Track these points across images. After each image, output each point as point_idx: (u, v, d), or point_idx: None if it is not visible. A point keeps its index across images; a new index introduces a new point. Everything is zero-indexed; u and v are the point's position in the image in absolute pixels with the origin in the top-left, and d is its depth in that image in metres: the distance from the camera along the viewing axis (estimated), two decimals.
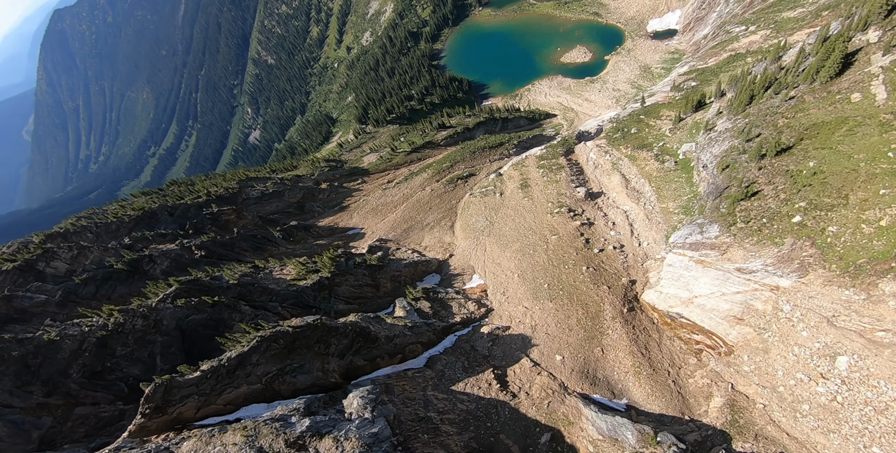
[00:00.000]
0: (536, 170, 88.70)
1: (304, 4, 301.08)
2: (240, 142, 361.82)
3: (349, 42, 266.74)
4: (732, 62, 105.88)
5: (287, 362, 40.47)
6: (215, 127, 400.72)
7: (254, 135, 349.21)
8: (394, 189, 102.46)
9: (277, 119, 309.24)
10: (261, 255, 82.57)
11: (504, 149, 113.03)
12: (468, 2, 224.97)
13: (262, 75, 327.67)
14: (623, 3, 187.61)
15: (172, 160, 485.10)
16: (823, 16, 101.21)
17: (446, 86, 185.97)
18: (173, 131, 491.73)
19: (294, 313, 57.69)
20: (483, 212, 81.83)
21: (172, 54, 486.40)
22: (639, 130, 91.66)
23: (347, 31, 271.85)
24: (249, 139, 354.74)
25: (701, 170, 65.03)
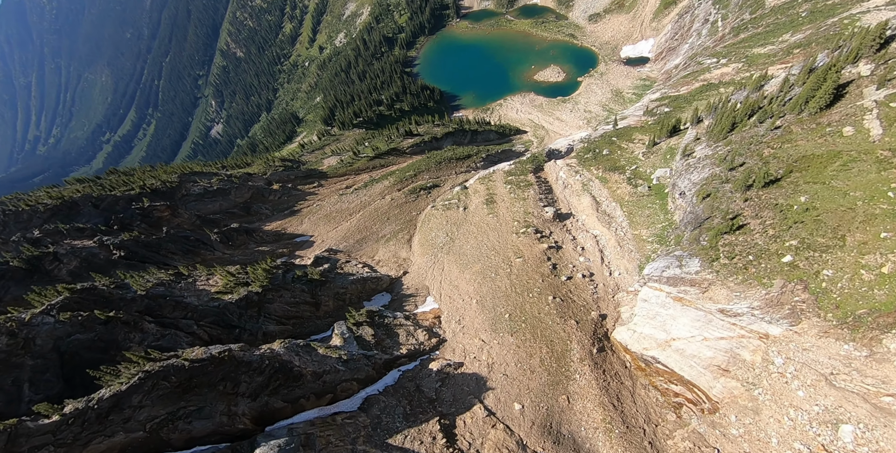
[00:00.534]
0: (504, 185, 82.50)
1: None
2: (201, 136, 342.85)
3: (322, 41, 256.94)
4: (705, 91, 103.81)
5: (181, 404, 31.59)
6: (176, 117, 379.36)
7: (216, 128, 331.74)
8: (351, 195, 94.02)
9: (242, 114, 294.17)
10: (191, 260, 72.37)
11: (471, 161, 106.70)
12: (446, 12, 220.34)
13: (230, 68, 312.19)
14: (599, 27, 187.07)
15: (128, 148, 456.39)
16: (795, 53, 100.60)
17: (417, 94, 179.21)
18: (131, 118, 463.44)
19: (213, 333, 48.44)
20: (444, 226, 74.66)
21: (137, 38, 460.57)
22: (611, 152, 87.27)
23: (321, 30, 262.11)
24: (211, 133, 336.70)
25: (677, 197, 60.24)
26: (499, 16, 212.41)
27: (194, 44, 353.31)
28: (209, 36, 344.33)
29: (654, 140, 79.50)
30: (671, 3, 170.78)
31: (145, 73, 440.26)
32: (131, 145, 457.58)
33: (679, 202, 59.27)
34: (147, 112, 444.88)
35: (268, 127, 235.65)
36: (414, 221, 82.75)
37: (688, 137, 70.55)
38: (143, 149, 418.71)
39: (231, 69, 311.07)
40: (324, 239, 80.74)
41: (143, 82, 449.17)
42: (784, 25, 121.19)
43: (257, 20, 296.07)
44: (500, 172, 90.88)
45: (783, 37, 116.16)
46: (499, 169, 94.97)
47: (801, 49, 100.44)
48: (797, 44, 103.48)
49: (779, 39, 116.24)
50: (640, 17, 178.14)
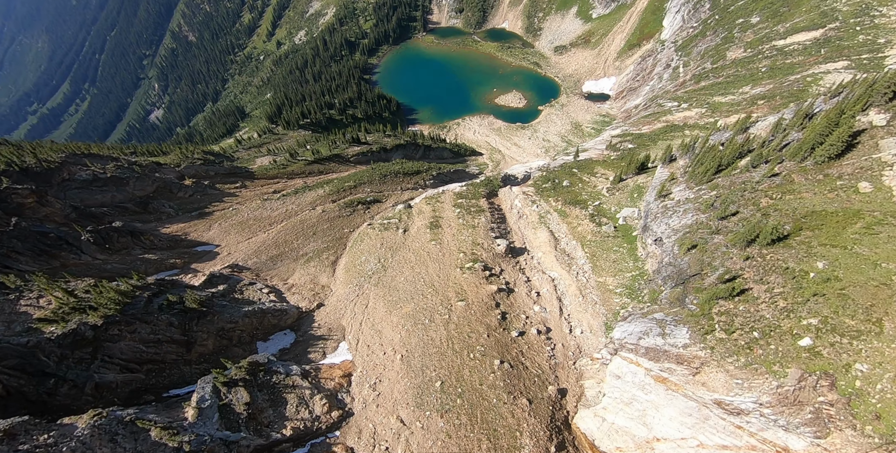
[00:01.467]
0: (452, 208, 70.55)
1: None
2: (138, 119, 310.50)
3: (281, 37, 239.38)
4: (669, 132, 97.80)
5: None
6: (114, 96, 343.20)
7: (156, 113, 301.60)
8: (276, 201, 78.65)
9: (185, 101, 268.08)
10: (45, 265, 54.63)
11: (420, 178, 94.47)
12: (413, 24, 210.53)
13: (179, 51, 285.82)
14: (563, 59, 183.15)
15: (56, 122, 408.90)
16: (759, 104, 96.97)
17: (373, 102, 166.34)
18: (64, 91, 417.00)
19: (11, 384, 32.13)
20: (378, 250, 61.29)
21: (84, 6, 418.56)
22: (571, 184, 77.87)
23: (282, 25, 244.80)
24: (150, 117, 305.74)
25: (649, 243, 50.44)
26: (466, 35, 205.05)
27: (144, 21, 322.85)
28: (161, 14, 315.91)
29: (620, 176, 70.66)
30: (635, 45, 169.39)
31: (87, 44, 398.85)
32: (60, 120, 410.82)
33: (652, 249, 49.43)
34: (83, 87, 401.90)
35: (210, 118, 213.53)
36: (344, 240, 68.76)
37: (659, 176, 61.76)
38: (73, 125, 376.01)
39: (180, 53, 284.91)
40: (231, 251, 64.87)
41: (83, 54, 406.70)
42: (744, 78, 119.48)
43: (215, 5, 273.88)
44: (449, 193, 79.04)
45: (743, 88, 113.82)
46: (449, 189, 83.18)
47: (766, 100, 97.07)
48: (761, 95, 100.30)
49: (739, 90, 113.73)
50: (604, 54, 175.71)
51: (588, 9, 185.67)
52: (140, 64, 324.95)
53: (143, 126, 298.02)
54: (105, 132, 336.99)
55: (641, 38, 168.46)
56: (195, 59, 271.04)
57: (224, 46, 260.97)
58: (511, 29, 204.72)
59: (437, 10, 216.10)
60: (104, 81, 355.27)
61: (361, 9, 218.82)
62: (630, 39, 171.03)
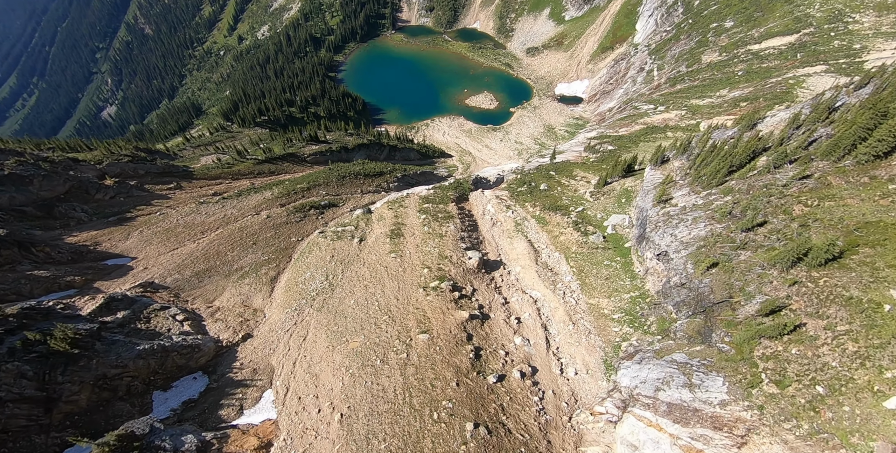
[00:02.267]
0: (417, 214, 60.28)
1: None
2: (90, 116, 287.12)
3: (243, 31, 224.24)
4: (650, 134, 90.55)
5: None
6: (64, 91, 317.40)
7: (108, 110, 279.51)
8: (215, 205, 66.47)
9: (140, 98, 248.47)
10: None
11: (383, 180, 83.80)
12: (382, 22, 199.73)
13: (135, 45, 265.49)
14: (536, 61, 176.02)
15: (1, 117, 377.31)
16: (742, 106, 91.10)
17: (338, 100, 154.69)
18: (10, 84, 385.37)
19: None
20: (327, 264, 50.38)
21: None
22: (549, 188, 68.97)
23: (244, 19, 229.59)
24: (102, 114, 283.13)
25: (649, 257, 41.50)
26: (436, 34, 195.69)
27: (98, 11, 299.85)
28: (117, 5, 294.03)
29: (605, 179, 62.01)
30: (608, 48, 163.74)
31: (37, 36, 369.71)
32: (5, 115, 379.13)
33: (653, 264, 40.46)
34: (31, 80, 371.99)
35: (164, 115, 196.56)
36: (290, 251, 57.39)
37: (651, 179, 53.26)
38: (19, 121, 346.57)
39: (135, 46, 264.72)
40: (150, 265, 52.54)
41: (32, 46, 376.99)
42: (721, 81, 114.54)
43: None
44: (414, 197, 68.77)
45: (720, 91, 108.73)
46: (414, 193, 72.93)
47: (749, 102, 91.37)
48: (742, 97, 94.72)
49: (716, 93, 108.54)
50: (577, 57, 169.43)
51: (561, 11, 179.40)
52: (93, 57, 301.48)
53: (95, 123, 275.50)
54: (53, 129, 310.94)
55: (614, 41, 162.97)
56: (151, 53, 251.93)
57: (182, 40, 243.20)
58: (482, 29, 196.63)
59: (407, 8, 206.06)
60: (54, 75, 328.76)
61: (328, 4, 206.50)
62: (603, 42, 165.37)
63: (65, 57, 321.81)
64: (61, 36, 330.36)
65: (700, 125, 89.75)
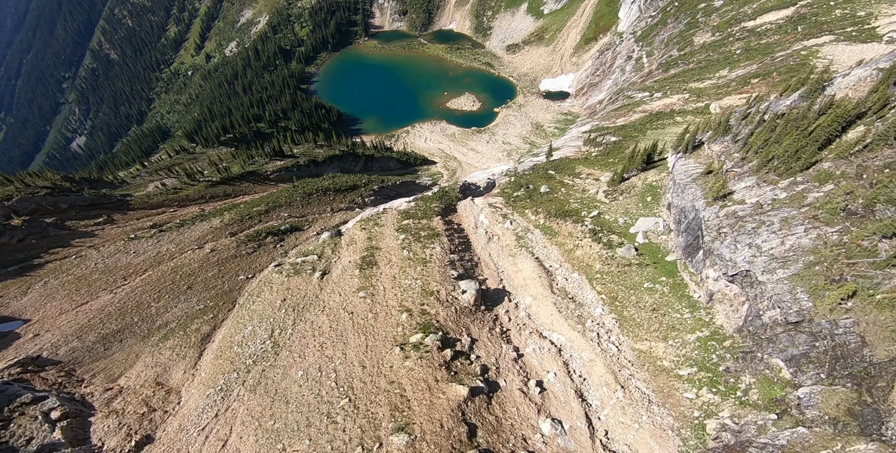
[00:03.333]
0: (395, 234, 47.70)
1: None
2: (59, 148, 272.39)
3: (211, 49, 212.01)
4: (655, 120, 79.07)
5: None
6: (31, 124, 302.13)
7: (78, 141, 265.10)
8: (148, 241, 53.50)
9: (108, 126, 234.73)
10: None
11: (357, 195, 71.22)
12: (354, 29, 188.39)
13: (100, 71, 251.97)
14: (517, 58, 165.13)
15: None
16: (754, 83, 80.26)
17: (310, 112, 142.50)
18: None
19: None
20: (275, 312, 37.55)
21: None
22: (552, 190, 56.79)
23: (211, 37, 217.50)
24: (72, 145, 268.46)
25: (714, 277, 29.14)
26: (411, 38, 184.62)
27: (63, 40, 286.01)
28: (81, 33, 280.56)
29: (620, 174, 49.82)
30: (591, 39, 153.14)
31: (2, 69, 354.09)
32: None
33: (721, 287, 28.15)
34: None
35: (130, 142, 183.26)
36: (235, 293, 44.54)
37: (684, 170, 41.08)
38: None
39: (101, 73, 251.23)
40: (44, 329, 39.35)
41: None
42: (719, 62, 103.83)
43: (138, 19, 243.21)
44: (392, 213, 56.21)
45: (720, 72, 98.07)
46: (392, 207, 60.44)
47: (761, 78, 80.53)
48: (753, 74, 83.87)
49: (716, 74, 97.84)
50: (559, 50, 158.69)
51: (539, 4, 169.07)
52: (59, 88, 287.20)
53: (64, 155, 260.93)
54: (23, 164, 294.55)
55: (597, 31, 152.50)
56: (117, 79, 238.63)
57: (149, 63, 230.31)
58: (459, 30, 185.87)
59: (379, 14, 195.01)
60: (21, 109, 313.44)
61: (297, 15, 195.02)
62: (586, 33, 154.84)
63: (31, 89, 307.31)
64: (26, 68, 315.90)
65: (710, 107, 78.60)
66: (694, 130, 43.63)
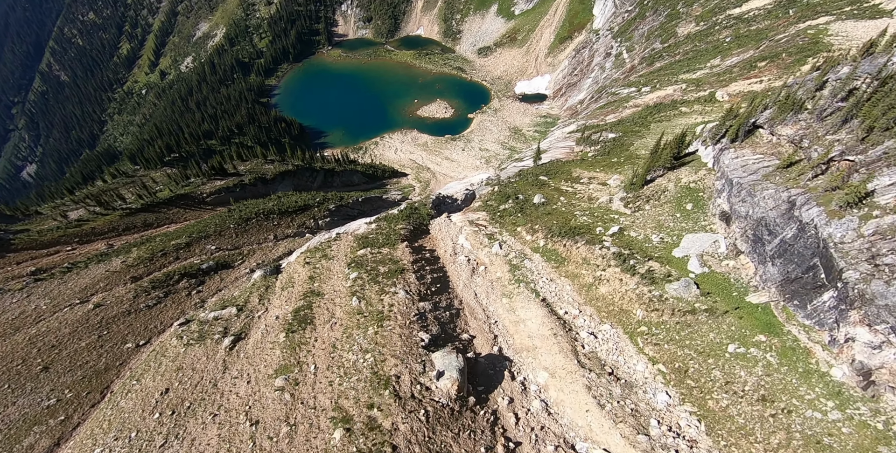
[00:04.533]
0: (345, 272, 33.86)
1: (117, 15, 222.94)
2: (9, 177, 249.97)
3: (166, 66, 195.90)
4: (656, 113, 67.98)
5: None
6: None
7: (28, 169, 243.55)
8: (13, 296, 38.57)
9: (59, 152, 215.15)
10: None
11: (309, 216, 57.06)
12: (317, 38, 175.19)
13: (50, 94, 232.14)
14: (489, 61, 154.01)
15: None
16: (761, 67, 70.18)
17: (269, 127, 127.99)
18: None
19: None
20: (144, 418, 23.01)
21: None
22: (548, 200, 43.95)
23: (166, 53, 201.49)
24: (22, 174, 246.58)
25: (876, 344, 15.91)
26: (377, 46, 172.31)
27: (11, 63, 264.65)
28: (30, 55, 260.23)
29: (642, 175, 36.98)
30: (566, 38, 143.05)
31: None
32: None
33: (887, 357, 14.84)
34: None
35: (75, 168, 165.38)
36: (113, 374, 29.90)
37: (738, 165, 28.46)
38: None
39: (51, 95, 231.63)
40: None
41: None
42: (708, 51, 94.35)
43: (88, 38, 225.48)
44: (347, 239, 42.28)
45: (711, 61, 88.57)
46: (349, 231, 46.46)
47: (769, 61, 70.46)
48: (757, 58, 74.10)
49: (707, 64, 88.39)
50: (534, 51, 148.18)
51: (509, 5, 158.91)
52: (8, 113, 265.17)
53: (14, 185, 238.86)
54: None
55: (572, 30, 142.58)
56: (68, 101, 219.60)
57: (100, 83, 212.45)
58: (427, 35, 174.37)
59: (343, 22, 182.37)
60: None
61: (255, 26, 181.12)
62: (560, 33, 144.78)
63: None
64: None
65: (716, 94, 68.10)
66: (746, 112, 31.16)
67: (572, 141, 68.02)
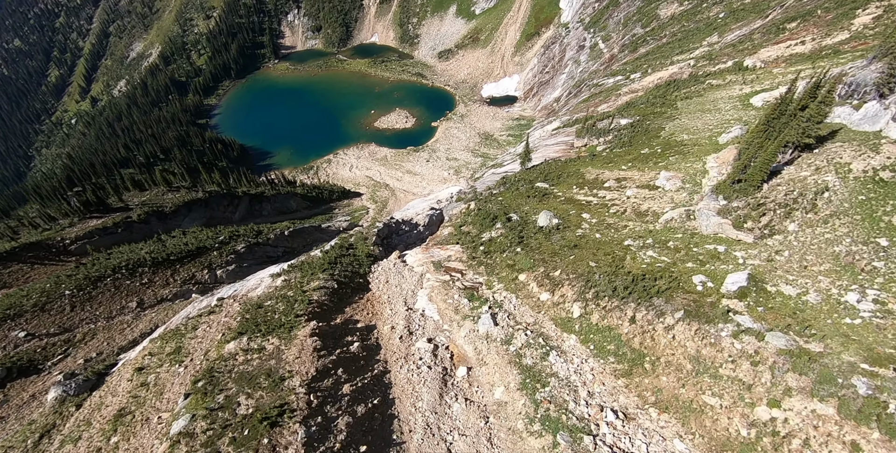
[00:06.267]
0: (174, 413, 13.75)
1: (44, 40, 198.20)
2: None
3: (97, 92, 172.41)
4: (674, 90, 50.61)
5: None
6: None
7: None
8: None
9: None
10: None
11: (202, 265, 37.07)
12: (261, 52, 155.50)
13: None
14: (452, 65, 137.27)
15: None
16: (792, 29, 54.35)
17: (202, 150, 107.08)
18: None
19: None
20: None
21: None
22: (564, 220, 24.80)
23: (98, 78, 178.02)
24: None
25: None
26: (328, 56, 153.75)
27: None
28: None
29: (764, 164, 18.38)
30: (533, 34, 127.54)
31: None
32: None
33: None
34: None
35: None
36: None
37: None
38: None
39: None
40: None
41: None
42: (700, 30, 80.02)
43: (13, 66, 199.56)
44: (230, 310, 22.46)
45: (708, 39, 73.88)
46: (240, 293, 26.58)
47: (801, 21, 55.02)
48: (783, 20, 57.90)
49: (703, 42, 73.44)
50: (499, 51, 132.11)
51: (469, 5, 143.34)
52: None
53: None
54: None
55: (539, 25, 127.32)
56: None
57: (27, 115, 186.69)
58: (383, 42, 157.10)
59: (290, 32, 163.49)
60: None
61: (193, 42, 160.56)
62: (526, 29, 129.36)
63: None
64: None
65: (744, 63, 52.17)
66: None
67: (568, 135, 50.26)
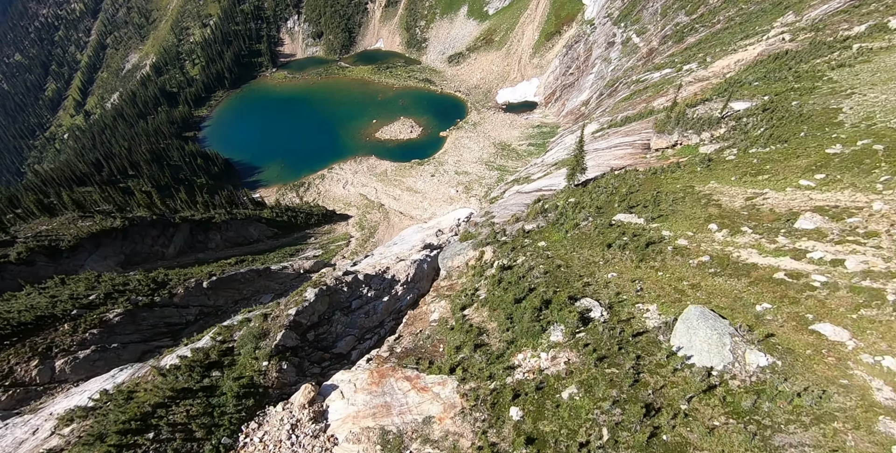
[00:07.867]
0: None
1: (43, 54, 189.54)
2: None
3: (92, 105, 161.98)
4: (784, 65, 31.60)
5: None
6: None
7: None
8: None
9: None
10: None
11: (26, 354, 19.92)
12: (259, 60, 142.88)
13: None
14: (463, 69, 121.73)
15: None
16: None
17: (180, 165, 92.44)
18: None
19: None
20: None
21: None
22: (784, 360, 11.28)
23: (94, 91, 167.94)
24: None
25: None
26: (330, 63, 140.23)
27: None
28: None
29: None
30: (554, 33, 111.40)
31: None
32: None
33: None
34: None
35: None
36: None
37: None
38: None
39: None
40: None
41: None
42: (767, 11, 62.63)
43: (11, 81, 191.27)
44: None
45: (781, 19, 56.36)
46: None
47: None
48: None
49: (775, 23, 55.79)
50: (515, 53, 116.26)
51: (481, 5, 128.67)
52: None
53: None
54: None
55: (560, 23, 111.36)
56: None
57: (21, 130, 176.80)
58: (388, 47, 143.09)
59: (289, 40, 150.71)
60: None
61: (187, 51, 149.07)
62: (545, 28, 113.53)
63: None
64: None
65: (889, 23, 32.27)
66: None
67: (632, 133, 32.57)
